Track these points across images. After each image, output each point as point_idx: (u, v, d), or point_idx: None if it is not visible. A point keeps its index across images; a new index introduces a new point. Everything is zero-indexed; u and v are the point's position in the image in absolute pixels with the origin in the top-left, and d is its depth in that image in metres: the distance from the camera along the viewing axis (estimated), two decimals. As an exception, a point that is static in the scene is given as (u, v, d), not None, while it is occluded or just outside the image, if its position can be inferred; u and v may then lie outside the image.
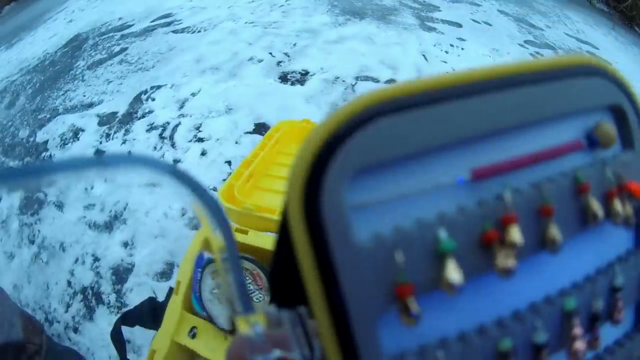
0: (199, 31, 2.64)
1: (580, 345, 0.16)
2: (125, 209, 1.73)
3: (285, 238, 0.12)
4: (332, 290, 0.11)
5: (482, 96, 0.14)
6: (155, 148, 1.94)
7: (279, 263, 0.13)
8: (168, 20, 2.86)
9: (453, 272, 0.12)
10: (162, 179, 0.16)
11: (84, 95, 2.33)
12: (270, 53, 2.33)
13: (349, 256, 0.12)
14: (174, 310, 0.76)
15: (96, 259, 1.59)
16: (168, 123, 2.03)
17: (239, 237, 0.79)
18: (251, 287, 0.74)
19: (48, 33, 3.11)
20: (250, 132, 1.92)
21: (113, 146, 1.98)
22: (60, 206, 1.82)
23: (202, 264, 0.77)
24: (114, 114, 2.16)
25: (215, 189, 1.70)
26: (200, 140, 1.94)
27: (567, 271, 0.17)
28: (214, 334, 0.74)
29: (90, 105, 2.25)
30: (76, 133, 2.10)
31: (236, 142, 1.89)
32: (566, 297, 0.16)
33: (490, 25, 2.86)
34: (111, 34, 2.81)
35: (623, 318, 0.18)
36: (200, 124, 1.99)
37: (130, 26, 2.87)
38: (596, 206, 0.16)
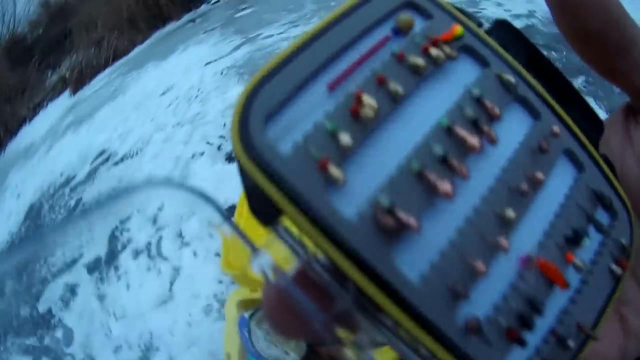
0: (137, 153, 2.78)
1: (473, 140, 0.19)
2: (151, 337, 1.84)
3: (243, 175, 0.17)
4: (284, 188, 0.16)
5: (317, 41, 0.19)
6: (149, 269, 2.06)
7: (249, 194, 0.17)
8: (105, 156, 3.00)
9: (343, 138, 0.17)
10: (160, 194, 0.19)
11: (64, 255, 2.44)
12: (208, 142, 2.49)
13: (283, 164, 0.16)
14: (232, 380, 0.84)
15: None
16: (150, 243, 2.16)
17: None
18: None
19: (3, 215, 3.20)
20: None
21: (111, 287, 2.09)
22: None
23: (245, 323, 0.88)
24: (99, 259, 2.28)
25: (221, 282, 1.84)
26: (187, 244, 2.07)
27: (434, 106, 0.20)
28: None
29: (74, 261, 2.36)
30: (73, 290, 2.20)
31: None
32: (441, 119, 0.20)
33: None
34: (60, 192, 2.92)
35: (503, 114, 0.21)
36: (180, 230, 2.13)
37: (74, 177, 3.00)
38: (416, 60, 0.20)
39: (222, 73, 3.23)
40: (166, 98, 3.28)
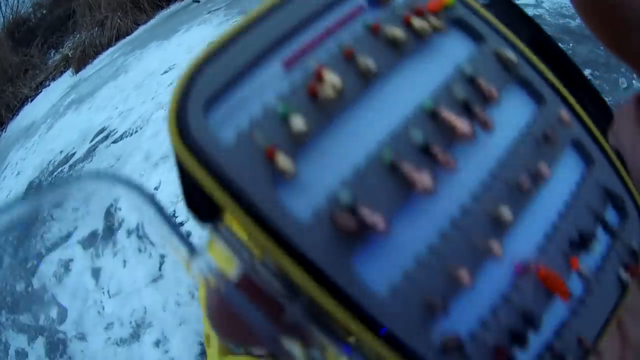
0: (136, 131, 2.75)
1: (462, 125, 0.16)
2: (145, 313, 1.83)
3: (181, 169, 0.15)
4: (225, 183, 0.13)
5: (277, 12, 0.16)
6: (140, 250, 2.06)
7: (185, 188, 0.15)
8: (104, 134, 2.97)
9: (296, 124, 0.14)
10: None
11: (60, 230, 2.43)
12: (207, 122, 2.46)
13: (224, 154, 0.14)
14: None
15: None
16: (140, 223, 2.14)
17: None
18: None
19: (3, 193, 3.19)
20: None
21: (107, 262, 2.08)
22: (82, 338, 1.90)
23: None
24: (94, 232, 2.26)
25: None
26: (180, 224, 2.04)
27: (416, 87, 0.17)
28: (256, 364, 0.83)
29: (68, 236, 2.35)
30: (67, 266, 2.20)
31: (213, 213, 2.01)
32: (424, 102, 0.16)
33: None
34: (60, 169, 2.91)
35: (501, 98, 0.18)
36: (174, 211, 2.11)
37: (73, 154, 2.98)
38: (393, 31, 0.17)
39: (224, 53, 3.18)
40: (168, 77, 3.25)
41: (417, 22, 0.17)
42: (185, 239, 0.16)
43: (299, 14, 0.16)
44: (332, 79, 0.15)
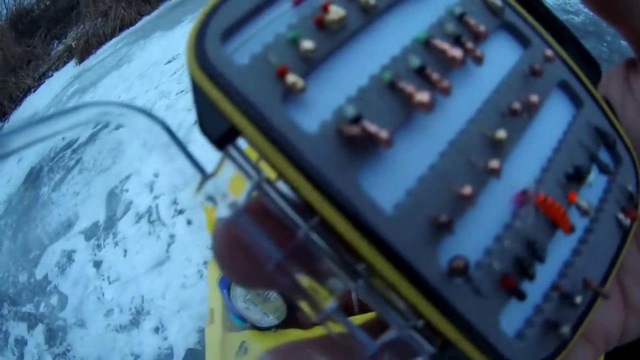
0: (140, 118, 2.74)
1: (454, 51, 0.17)
2: (142, 301, 1.82)
3: (195, 91, 0.15)
4: (238, 100, 0.14)
5: None
6: (150, 233, 2.05)
7: (200, 113, 0.15)
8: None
9: (304, 44, 0.15)
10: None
11: (59, 215, 2.42)
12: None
13: (238, 73, 0.15)
14: (213, 338, 0.82)
15: (137, 357, 1.67)
16: (150, 207, 2.14)
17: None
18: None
19: (3, 179, 3.20)
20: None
21: (109, 254, 2.08)
22: (82, 324, 1.89)
23: (226, 283, 0.85)
24: (96, 222, 2.25)
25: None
26: (181, 212, 2.05)
27: (412, 23, 0.18)
28: (264, 338, 0.80)
29: (69, 224, 2.33)
30: (69, 256, 2.19)
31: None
32: (419, 34, 0.18)
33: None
34: (61, 154, 2.92)
35: (490, 37, 0.19)
36: (175, 198, 2.10)
37: (76, 140, 2.98)
38: None
39: (227, 43, 3.19)
40: (171, 66, 3.26)
41: None
42: (195, 161, 0.16)
43: None
44: (336, 9, 0.16)
